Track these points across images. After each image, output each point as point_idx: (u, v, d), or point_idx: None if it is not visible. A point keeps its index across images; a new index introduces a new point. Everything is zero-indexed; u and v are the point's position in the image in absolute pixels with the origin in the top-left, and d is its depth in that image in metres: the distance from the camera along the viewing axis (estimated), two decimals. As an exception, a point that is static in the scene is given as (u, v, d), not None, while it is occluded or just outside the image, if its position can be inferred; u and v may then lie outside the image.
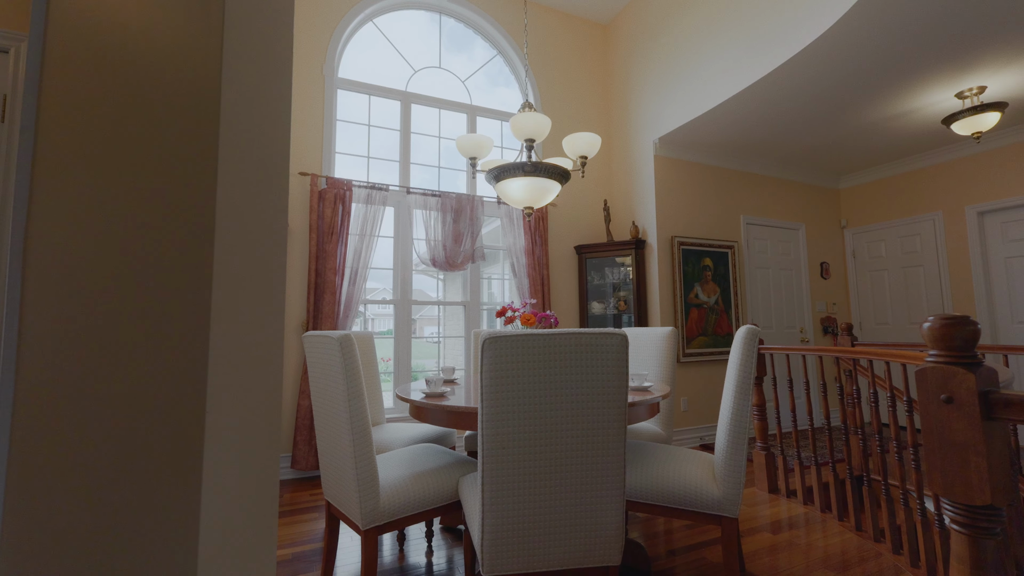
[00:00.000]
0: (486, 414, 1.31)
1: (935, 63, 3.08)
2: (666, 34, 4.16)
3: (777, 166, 4.98)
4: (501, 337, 1.29)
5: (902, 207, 4.94)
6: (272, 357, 0.67)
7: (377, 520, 1.66)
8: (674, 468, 1.85)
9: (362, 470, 1.64)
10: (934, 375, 0.93)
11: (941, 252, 4.59)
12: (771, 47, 3.13)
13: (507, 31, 4.48)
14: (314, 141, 3.63)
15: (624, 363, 1.35)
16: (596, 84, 4.92)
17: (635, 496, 1.83)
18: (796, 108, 3.69)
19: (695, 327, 4.28)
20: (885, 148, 4.55)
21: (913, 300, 4.80)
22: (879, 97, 3.54)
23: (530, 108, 2.45)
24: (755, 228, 4.82)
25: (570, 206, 4.59)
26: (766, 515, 2.65)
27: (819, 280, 5.18)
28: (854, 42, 2.84)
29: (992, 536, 0.90)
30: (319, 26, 3.74)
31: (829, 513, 2.65)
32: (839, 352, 2.51)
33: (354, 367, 1.64)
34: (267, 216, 0.65)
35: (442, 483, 1.84)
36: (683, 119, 3.91)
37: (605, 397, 1.34)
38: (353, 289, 3.52)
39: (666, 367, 2.69)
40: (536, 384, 1.31)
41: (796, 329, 4.95)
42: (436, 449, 2.12)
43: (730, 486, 1.71)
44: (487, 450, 1.31)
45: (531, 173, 2.31)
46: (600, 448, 1.35)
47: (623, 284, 4.45)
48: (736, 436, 1.73)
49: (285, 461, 3.36)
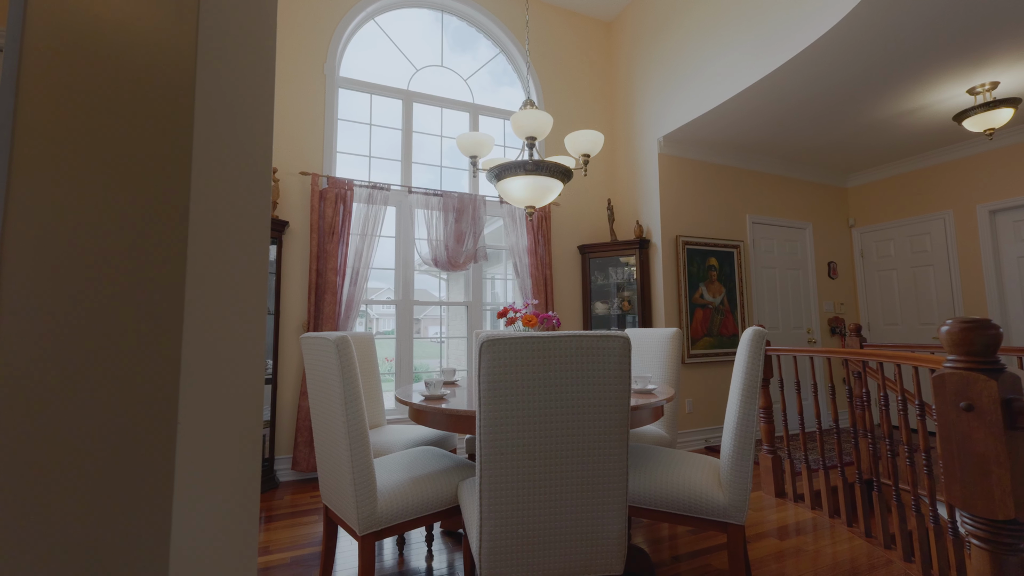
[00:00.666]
0: (484, 419, 1.27)
1: (946, 58, 3.01)
2: (670, 30, 4.11)
3: (783, 164, 4.91)
4: (499, 340, 1.25)
5: (912, 206, 4.85)
6: (253, 360, 0.63)
7: (374, 526, 1.63)
8: (678, 473, 1.80)
9: (359, 475, 1.60)
10: (953, 381, 0.88)
11: (952, 252, 4.50)
12: (777, 43, 3.07)
13: (510, 29, 4.44)
14: (315, 140, 3.61)
15: (626, 367, 1.31)
16: (599, 82, 4.87)
17: (638, 501, 1.79)
18: (803, 105, 3.62)
19: (700, 328, 4.22)
20: (894, 145, 4.48)
21: (923, 300, 4.72)
22: (888, 93, 3.47)
23: (532, 106, 2.41)
24: (761, 227, 4.76)
25: (573, 205, 4.54)
26: (773, 520, 2.60)
27: (826, 280, 5.11)
28: (862, 37, 2.78)
29: (1015, 553, 0.85)
30: (320, 25, 3.72)
31: (838, 518, 2.59)
32: (848, 354, 2.45)
33: (351, 370, 1.61)
34: (245, 210, 0.61)
35: (441, 488, 1.80)
36: (688, 117, 3.86)
37: (607, 402, 1.30)
38: (354, 289, 3.50)
39: (670, 369, 2.64)
40: (535, 388, 1.27)
41: (803, 330, 4.88)
42: (436, 452, 2.09)
43: (736, 492, 1.66)
44: (485, 456, 1.28)
45: (532, 172, 2.27)
46: (601, 454, 1.31)
47: (627, 284, 4.40)
48: (742, 441, 1.69)
49: (286, 462, 3.34)
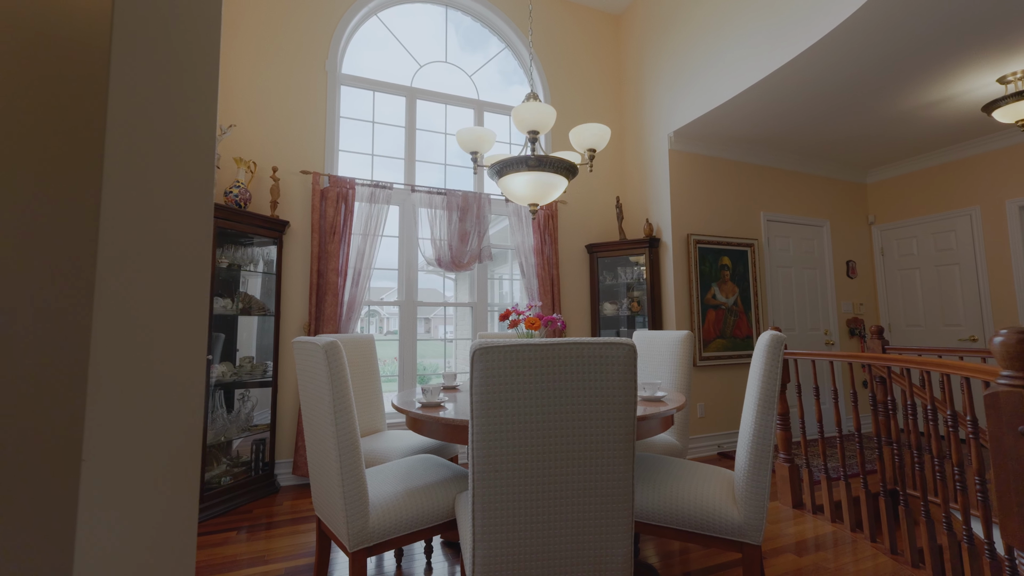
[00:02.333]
0: (476, 433, 1.17)
1: (975, 45, 2.84)
2: (681, 22, 3.97)
3: (800, 160, 4.74)
4: (493, 347, 1.15)
5: (936, 202, 4.65)
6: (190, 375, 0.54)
7: (365, 541, 1.54)
8: (689, 487, 1.69)
9: (349, 488, 1.52)
10: (1010, 401, 0.77)
11: (979, 249, 4.30)
12: (793, 32, 2.93)
13: (516, 25, 4.34)
14: (316, 139, 3.55)
15: (632, 376, 1.20)
16: (608, 77, 4.74)
17: (646, 517, 1.68)
18: (820, 97, 3.47)
19: (712, 329, 4.08)
20: (917, 139, 4.29)
21: (948, 301, 4.52)
22: (912, 84, 3.30)
23: (535, 99, 2.30)
24: (776, 225, 4.59)
25: (581, 203, 4.43)
26: (790, 533, 2.46)
27: (845, 279, 4.92)
28: (884, 24, 2.63)
29: (1084, 600, 0.73)
30: (321, 22, 3.65)
31: (860, 532, 2.45)
32: (871, 359, 2.31)
33: (341, 377, 1.53)
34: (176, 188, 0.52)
35: (438, 500, 1.71)
36: (699, 111, 3.72)
37: (611, 415, 1.20)
38: (356, 290, 3.43)
39: (681, 374, 2.52)
40: (533, 400, 1.17)
41: (820, 331, 4.70)
42: (434, 462, 2.00)
43: (752, 510, 1.54)
44: (478, 473, 1.18)
45: (535, 168, 2.17)
46: (605, 472, 1.21)
47: (636, 284, 4.28)
48: (759, 454, 1.57)
49: (286, 467, 3.28)
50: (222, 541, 2.37)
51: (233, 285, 3.17)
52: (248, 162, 3.14)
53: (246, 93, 3.37)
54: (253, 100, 3.38)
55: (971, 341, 4.30)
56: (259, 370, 3.15)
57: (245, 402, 3.18)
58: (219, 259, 2.96)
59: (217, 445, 2.94)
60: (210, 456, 2.94)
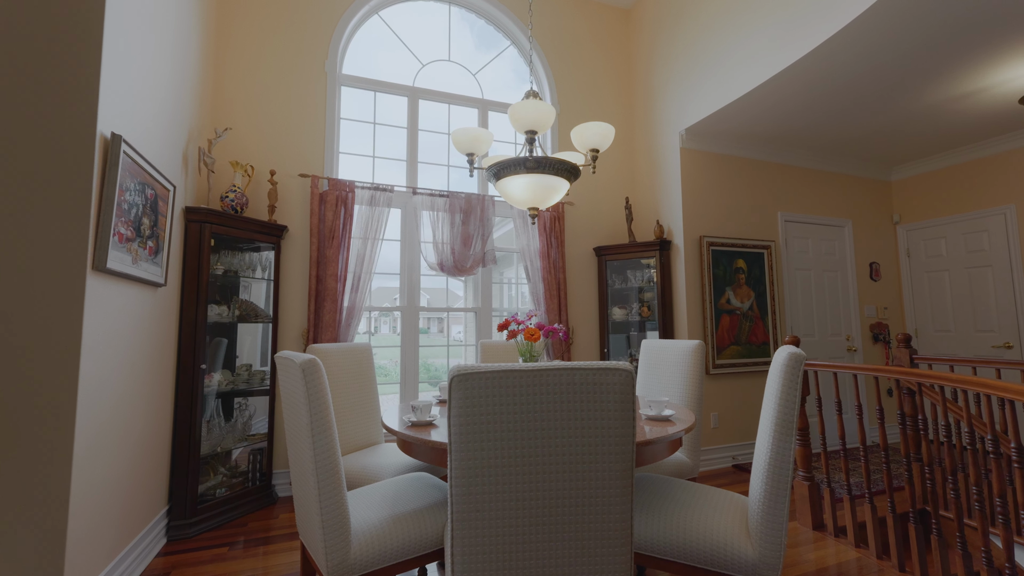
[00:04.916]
0: (455, 470, 1.06)
1: (1012, 32, 2.63)
2: (693, 15, 3.80)
3: (819, 157, 4.52)
4: (473, 374, 1.04)
5: (966, 200, 4.39)
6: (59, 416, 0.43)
7: (347, 574, 1.43)
8: (698, 516, 1.55)
9: (328, 516, 1.42)
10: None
11: (1014, 251, 4.04)
12: (813, 22, 2.75)
13: (521, 21, 4.21)
14: (315, 141, 3.47)
15: (629, 404, 1.07)
16: (617, 74, 4.59)
17: (650, 549, 1.54)
18: (841, 91, 3.27)
19: (726, 335, 3.91)
20: (946, 134, 4.05)
21: (980, 305, 4.26)
22: (941, 75, 3.09)
23: (535, 96, 2.18)
24: (794, 226, 4.39)
25: (589, 205, 4.28)
26: (811, 560, 2.29)
27: (868, 282, 4.69)
28: (912, 12, 2.44)
29: None
30: (321, 21, 3.57)
31: (887, 560, 2.27)
32: (900, 373, 2.14)
33: (319, 396, 1.42)
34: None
35: (426, 528, 1.60)
36: (712, 107, 3.55)
37: (606, 447, 1.07)
38: (356, 296, 3.34)
39: (692, 386, 2.37)
40: (519, 432, 1.05)
41: (842, 337, 4.48)
42: (427, 482, 1.89)
43: (768, 546, 1.40)
44: (457, 515, 1.06)
45: (533, 170, 2.04)
46: (600, 512, 1.08)
47: (647, 288, 4.12)
48: (776, 484, 1.42)
49: (284, 477, 3.21)
50: (212, 558, 2.30)
51: (230, 292, 3.11)
52: (245, 166, 3.07)
53: (243, 95, 3.30)
54: (250, 102, 3.32)
55: (1006, 348, 4.04)
56: (257, 378, 3.08)
57: (243, 411, 3.12)
58: (215, 265, 2.90)
59: (214, 455, 2.88)
60: (207, 466, 2.88)
